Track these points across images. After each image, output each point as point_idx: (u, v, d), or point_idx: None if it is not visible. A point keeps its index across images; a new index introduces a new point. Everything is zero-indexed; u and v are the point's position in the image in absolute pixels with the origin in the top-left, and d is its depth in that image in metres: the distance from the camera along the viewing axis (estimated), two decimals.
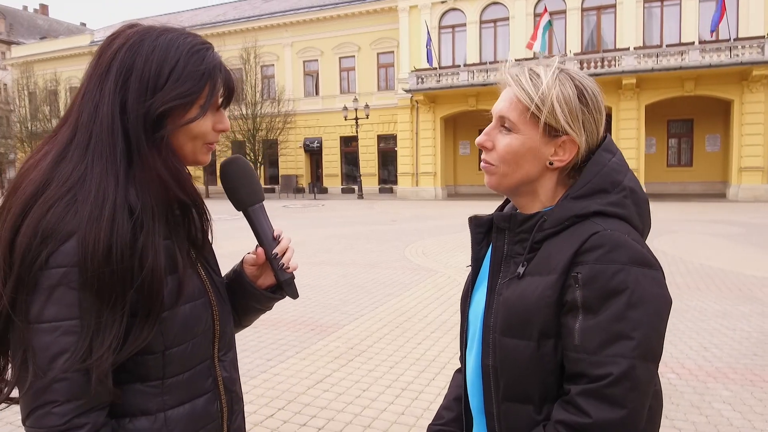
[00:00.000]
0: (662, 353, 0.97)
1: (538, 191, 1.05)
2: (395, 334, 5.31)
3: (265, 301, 1.17)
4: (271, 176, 34.15)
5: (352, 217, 18.27)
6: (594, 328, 0.89)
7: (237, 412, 1.11)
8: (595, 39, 25.74)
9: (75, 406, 0.83)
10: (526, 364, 0.96)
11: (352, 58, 31.66)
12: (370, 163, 31.49)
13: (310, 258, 9.94)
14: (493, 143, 1.04)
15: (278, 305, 1.07)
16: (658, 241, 11.14)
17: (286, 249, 1.12)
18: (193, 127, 0.96)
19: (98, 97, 0.92)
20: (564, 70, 1.02)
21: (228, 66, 1.02)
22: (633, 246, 0.93)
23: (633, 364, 0.87)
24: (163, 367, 0.95)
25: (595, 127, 1.03)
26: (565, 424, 0.89)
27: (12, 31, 53.58)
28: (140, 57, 0.92)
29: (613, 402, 0.87)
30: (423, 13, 27.74)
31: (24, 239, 0.83)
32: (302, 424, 3.46)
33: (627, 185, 1.00)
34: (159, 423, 0.95)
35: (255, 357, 4.70)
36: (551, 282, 0.94)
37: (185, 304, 0.96)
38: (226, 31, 34.13)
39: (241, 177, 1.11)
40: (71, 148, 0.91)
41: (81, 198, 0.86)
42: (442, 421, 1.21)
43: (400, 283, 7.62)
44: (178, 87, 0.92)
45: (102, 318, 0.85)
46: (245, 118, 29.80)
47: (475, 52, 27.26)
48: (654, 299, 0.91)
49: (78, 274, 0.83)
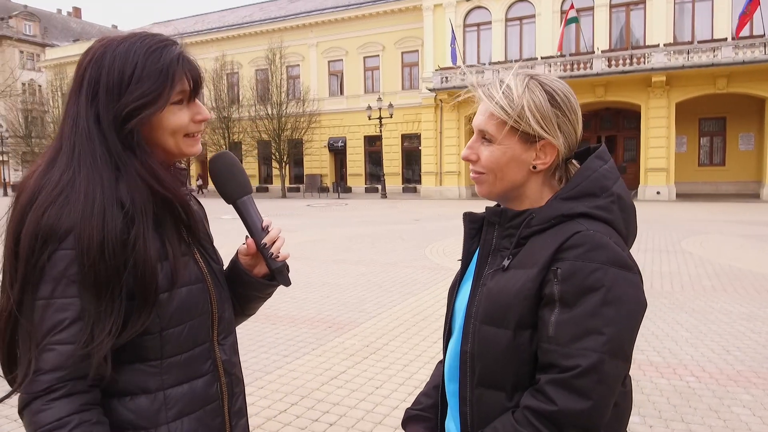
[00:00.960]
0: (632, 354, 1.00)
1: (526, 194, 1.10)
2: (411, 332, 5.31)
3: (262, 288, 1.22)
4: (296, 176, 34.45)
5: (375, 216, 18.32)
6: (568, 321, 0.93)
7: (237, 395, 1.15)
8: (624, 36, 25.27)
9: (58, 375, 0.89)
10: (501, 351, 0.99)
11: (376, 58, 31.73)
12: (394, 163, 31.52)
13: (330, 256, 10.01)
14: (477, 155, 1.09)
15: (297, 303, 1.11)
16: (686, 242, 10.91)
17: (275, 239, 1.16)
18: (166, 122, 1.02)
19: (75, 111, 1.00)
20: (534, 76, 1.06)
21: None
22: (613, 248, 0.97)
23: (602, 359, 0.91)
24: (161, 347, 1.00)
25: (572, 126, 1.07)
26: (532, 410, 0.93)
27: (46, 34, 55.18)
28: (104, 68, 0.99)
29: (579, 393, 0.90)
30: (447, 12, 27.63)
31: (25, 243, 0.91)
32: (315, 420, 3.50)
33: (615, 191, 1.04)
34: (158, 401, 1.00)
35: (272, 353, 4.77)
36: (532, 275, 0.98)
37: (181, 288, 1.01)
38: (253, 32, 34.56)
39: (228, 171, 1.16)
40: (59, 157, 0.98)
41: (73, 199, 0.93)
42: (420, 406, 1.26)
43: (419, 282, 7.62)
44: (139, 88, 0.98)
45: (101, 306, 0.91)
46: (271, 118, 30.10)
47: (500, 50, 27.03)
48: (629, 300, 0.95)
49: (77, 267, 0.90)
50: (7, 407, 3.41)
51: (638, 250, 9.94)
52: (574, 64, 23.86)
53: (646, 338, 4.99)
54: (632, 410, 3.44)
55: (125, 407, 0.98)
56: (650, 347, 4.77)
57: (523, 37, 26.99)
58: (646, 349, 4.72)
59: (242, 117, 31.29)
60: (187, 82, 1.03)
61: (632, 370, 4.13)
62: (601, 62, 23.32)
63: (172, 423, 1.01)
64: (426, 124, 28.46)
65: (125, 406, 0.98)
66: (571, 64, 23.90)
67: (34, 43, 52.86)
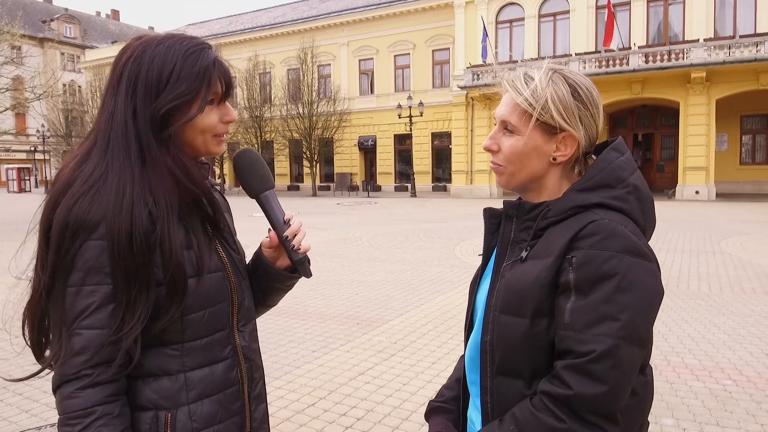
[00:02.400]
0: (651, 341, 1.01)
1: (545, 186, 1.11)
2: (439, 330, 5.30)
3: (284, 280, 1.25)
4: (327, 174, 34.70)
5: (404, 214, 18.31)
6: (583, 308, 0.94)
7: (257, 380, 1.19)
8: (662, 31, 24.62)
9: (85, 358, 0.94)
10: (518, 340, 1.01)
11: (407, 56, 31.70)
12: (424, 161, 31.45)
13: (359, 254, 10.05)
14: (499, 146, 1.11)
15: (326, 300, 1.12)
16: (726, 243, 10.58)
17: (296, 231, 1.19)
18: (198, 122, 1.06)
19: (113, 107, 1.03)
20: (557, 70, 1.08)
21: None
22: (628, 236, 0.97)
23: (617, 344, 0.92)
24: (182, 331, 1.05)
25: (593, 120, 1.08)
26: (548, 395, 0.95)
27: (86, 36, 56.91)
28: (143, 66, 1.02)
29: (594, 377, 0.91)
30: (479, 9, 27.39)
31: (56, 230, 0.96)
32: (342, 414, 3.53)
33: (631, 182, 1.05)
34: (179, 383, 1.05)
35: (301, 348, 4.82)
36: (548, 264, 1.00)
37: (202, 276, 1.05)
38: (285, 32, 34.93)
39: (251, 167, 1.20)
40: (93, 151, 1.03)
41: (104, 192, 0.97)
42: (443, 399, 1.28)
43: (448, 281, 7.60)
44: (176, 88, 1.02)
45: (132, 295, 0.96)
46: (302, 118, 30.38)
47: (533, 47, 26.66)
48: (644, 287, 0.95)
49: (108, 259, 0.95)
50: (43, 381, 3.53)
51: (675, 251, 9.69)
52: (609, 61, 23.35)
53: (681, 340, 4.87)
54: (666, 413, 3.35)
55: (149, 387, 1.03)
56: (686, 349, 4.64)
57: (557, 33, 26.56)
58: (681, 351, 4.60)
59: (274, 116, 31.66)
60: (220, 85, 1.07)
61: (667, 372, 4.06)
62: (638, 58, 22.75)
63: (193, 404, 1.05)
64: (457, 122, 28.28)
65: (149, 387, 1.03)
66: (607, 61, 23.40)
67: (74, 45, 54.60)
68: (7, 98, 18.24)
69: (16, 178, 39.72)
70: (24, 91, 18.58)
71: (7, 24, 17.89)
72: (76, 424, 0.93)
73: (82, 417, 0.94)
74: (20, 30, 19.79)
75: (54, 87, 20.36)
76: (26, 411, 3.63)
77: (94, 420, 0.94)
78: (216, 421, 1.08)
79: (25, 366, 4.27)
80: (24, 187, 39.62)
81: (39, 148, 40.67)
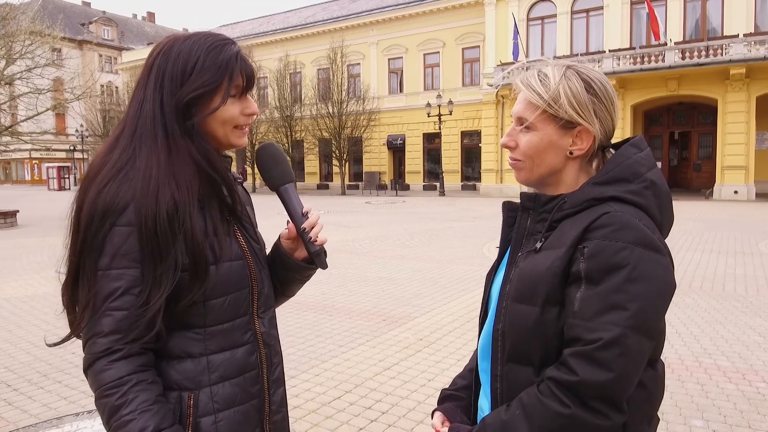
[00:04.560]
0: (659, 336, 1.02)
1: (563, 180, 1.13)
2: (465, 328, 5.30)
3: (301, 270, 1.29)
4: (356, 173, 34.86)
5: (432, 213, 18.28)
6: (592, 297, 0.96)
7: (276, 365, 1.23)
8: (700, 26, 23.94)
9: (115, 338, 1.00)
10: (529, 328, 1.03)
11: (436, 54, 31.61)
12: (453, 160, 31.30)
13: (387, 252, 10.09)
14: (516, 142, 1.13)
15: (353, 296, 1.15)
16: (765, 245, 10.25)
17: (314, 224, 1.23)
18: (220, 113, 1.11)
19: (142, 97, 1.10)
20: (571, 66, 1.10)
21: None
22: (641, 228, 0.98)
23: (624, 333, 0.93)
24: (204, 316, 1.10)
25: (608, 114, 1.10)
26: (554, 381, 0.97)
27: (123, 38, 58.43)
28: (170, 60, 1.09)
29: (600, 364, 0.93)
30: (510, 6, 27.11)
31: (87, 212, 1.02)
32: (367, 407, 3.57)
33: (649, 177, 1.05)
34: (202, 365, 1.10)
35: (328, 342, 4.89)
36: (560, 254, 1.02)
37: (222, 263, 1.10)
38: (315, 32, 35.23)
39: (272, 160, 1.25)
40: (120, 139, 1.09)
41: (132, 176, 1.03)
42: (455, 387, 1.32)
43: (475, 279, 7.57)
44: (199, 78, 1.08)
45: (158, 272, 1.02)
46: (332, 117, 30.60)
47: (565, 43, 26.27)
48: (655, 279, 0.96)
49: (136, 239, 1.01)
50: None
51: (711, 251, 9.44)
52: (644, 57, 22.83)
53: (714, 342, 4.76)
54: (696, 414, 3.29)
55: (173, 369, 1.08)
56: (718, 351, 4.54)
57: (590, 30, 26.10)
58: (714, 352, 4.50)
59: (304, 116, 31.97)
60: (242, 78, 1.12)
61: (698, 373, 3.99)
62: (674, 54, 22.18)
63: (214, 386, 1.10)
64: (487, 120, 28.06)
65: (173, 368, 1.08)
66: (641, 57, 22.88)
67: (111, 47, 56.11)
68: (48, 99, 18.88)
69: (56, 177, 41.04)
70: (64, 92, 19.21)
71: (48, 27, 18.54)
72: (113, 394, 0.98)
73: (118, 386, 0.98)
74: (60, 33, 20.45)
75: (92, 88, 20.96)
76: (65, 398, 3.78)
77: (130, 387, 0.98)
78: (236, 402, 1.13)
79: (71, 348, 4.44)
80: (64, 185, 40.89)
81: (78, 147, 41.92)
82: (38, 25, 18.05)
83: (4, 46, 16.29)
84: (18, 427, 3.35)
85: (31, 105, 16.90)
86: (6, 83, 17.91)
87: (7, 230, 14.88)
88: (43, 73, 17.26)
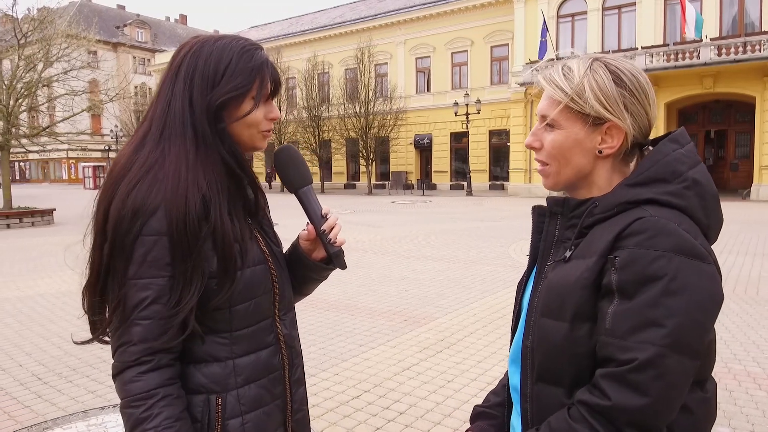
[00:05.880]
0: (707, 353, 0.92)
1: (595, 182, 1.04)
2: (488, 329, 5.25)
3: (320, 271, 1.31)
4: (382, 173, 34.90)
5: (459, 213, 18.17)
6: (626, 312, 0.87)
7: (297, 366, 1.25)
8: (737, 22, 23.21)
9: (145, 347, 1.01)
10: (558, 345, 0.95)
11: (464, 53, 31.41)
12: (481, 159, 31.05)
13: (411, 252, 10.08)
14: (541, 142, 1.05)
15: (376, 296, 1.15)
16: None
17: (333, 225, 1.24)
18: (248, 117, 1.12)
19: (170, 95, 1.10)
20: (598, 59, 1.01)
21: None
22: (680, 234, 0.88)
23: (662, 353, 0.84)
24: (230, 321, 1.11)
25: (641, 107, 1.00)
26: (586, 405, 0.89)
27: (156, 40, 59.71)
28: (201, 59, 1.09)
29: (635, 388, 0.85)
30: (540, 3, 26.74)
31: (115, 212, 1.02)
32: (385, 407, 3.57)
33: (691, 176, 0.95)
34: (228, 368, 1.11)
35: (348, 342, 4.91)
36: (590, 264, 0.94)
37: (246, 269, 1.11)
38: (343, 32, 35.39)
39: (290, 163, 1.26)
40: (147, 138, 1.09)
41: (161, 177, 1.03)
42: (489, 404, 1.25)
43: (500, 280, 7.50)
44: (232, 81, 1.08)
45: (188, 272, 1.02)
46: (359, 117, 30.70)
47: (596, 41, 25.79)
48: (697, 291, 0.86)
49: (167, 241, 1.01)
50: None
51: (747, 254, 9.15)
52: (678, 54, 22.25)
53: (745, 347, 4.61)
54: (722, 421, 3.18)
55: (201, 372, 1.10)
56: (749, 357, 4.39)
57: (622, 26, 25.56)
58: (744, 358, 4.36)
59: (332, 116, 32.16)
60: (270, 84, 1.14)
61: (727, 379, 3.87)
62: (710, 51, 21.55)
63: (241, 388, 1.12)
64: (515, 119, 27.74)
65: (201, 372, 1.10)
66: (675, 54, 22.31)
67: (145, 49, 57.43)
68: (84, 100, 19.42)
69: (92, 176, 42.20)
70: (99, 93, 19.73)
71: (83, 30, 19.07)
72: (140, 406, 0.99)
73: (145, 399, 0.99)
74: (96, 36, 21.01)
75: (126, 89, 21.47)
76: (92, 392, 3.88)
77: (157, 401, 1.00)
78: (261, 404, 1.14)
79: (94, 350, 4.56)
80: (99, 185, 41.93)
81: (113, 147, 43.06)
82: (74, 28, 18.58)
83: (42, 49, 16.82)
84: (46, 419, 3.45)
85: (68, 106, 17.40)
86: (44, 85, 18.50)
87: (44, 228, 15.39)
88: (78, 75, 17.75)
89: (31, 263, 9.43)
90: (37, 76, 16.87)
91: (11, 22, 17.16)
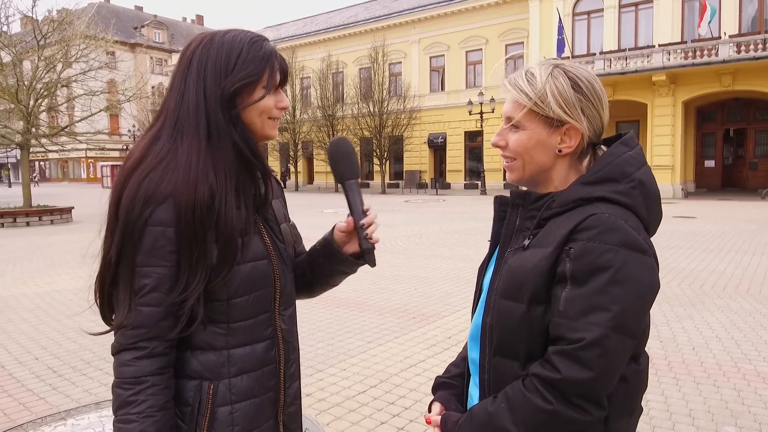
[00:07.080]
0: (643, 333, 1.05)
1: (553, 178, 1.15)
2: None
3: (350, 265, 1.33)
4: (396, 172, 34.91)
5: (472, 212, 18.13)
6: (577, 297, 0.99)
7: (293, 361, 1.28)
8: (757, 19, 22.81)
9: (141, 332, 1.06)
10: (515, 323, 1.07)
11: (479, 52, 31.29)
12: (495, 158, 30.86)
13: (423, 251, 10.09)
14: (506, 141, 1.16)
15: (385, 293, 1.17)
16: None
17: (371, 222, 1.27)
18: (260, 103, 1.16)
19: (183, 87, 1.14)
20: (559, 65, 1.12)
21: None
22: (626, 230, 1.00)
23: (606, 334, 0.96)
24: (227, 313, 1.15)
25: (596, 111, 1.11)
26: (538, 377, 1.01)
27: (173, 41, 60.37)
28: (213, 50, 1.14)
29: (582, 363, 0.96)
30: (555, 1, 26.54)
31: (127, 200, 1.06)
32: (390, 403, 3.60)
33: (637, 177, 1.07)
34: (223, 357, 1.15)
35: (356, 338, 4.95)
36: (547, 254, 1.04)
37: (246, 264, 1.15)
38: (357, 31, 35.46)
39: (342, 155, 1.31)
40: (163, 130, 1.13)
41: (172, 167, 1.07)
42: (449, 375, 1.35)
43: None
44: (244, 69, 1.13)
45: (194, 259, 1.07)
46: (373, 116, 30.74)
47: (612, 38, 25.52)
48: (638, 281, 0.98)
49: (173, 232, 1.05)
50: None
51: (763, 254, 9.03)
52: (696, 51, 21.94)
53: (756, 347, 4.56)
54: (729, 420, 3.18)
55: (196, 359, 1.14)
56: (760, 357, 4.35)
57: (639, 24, 25.27)
58: (755, 358, 4.32)
59: (346, 115, 32.24)
60: (279, 73, 1.18)
61: (735, 379, 3.85)
62: (729, 48, 21.23)
63: (233, 378, 1.16)
64: None
65: (196, 358, 1.14)
66: (693, 51, 22.00)
67: (162, 50, 58.10)
68: (102, 100, 19.74)
69: (110, 175, 42.84)
70: (117, 93, 20.03)
71: (102, 31, 19.38)
72: (129, 389, 1.05)
73: (134, 384, 1.05)
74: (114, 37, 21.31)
75: (143, 89, 21.74)
76: (105, 384, 3.97)
77: (145, 388, 1.05)
78: (252, 395, 1.18)
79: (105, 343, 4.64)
80: None
81: (130, 146, 43.51)
82: (93, 29, 18.88)
83: (61, 50, 17.12)
84: (60, 410, 3.55)
85: (86, 106, 17.70)
86: (63, 85, 18.83)
87: (63, 225, 15.67)
88: (96, 76, 18.05)
89: (48, 260, 9.63)
90: (57, 76, 17.19)
91: (31, 24, 17.49)
